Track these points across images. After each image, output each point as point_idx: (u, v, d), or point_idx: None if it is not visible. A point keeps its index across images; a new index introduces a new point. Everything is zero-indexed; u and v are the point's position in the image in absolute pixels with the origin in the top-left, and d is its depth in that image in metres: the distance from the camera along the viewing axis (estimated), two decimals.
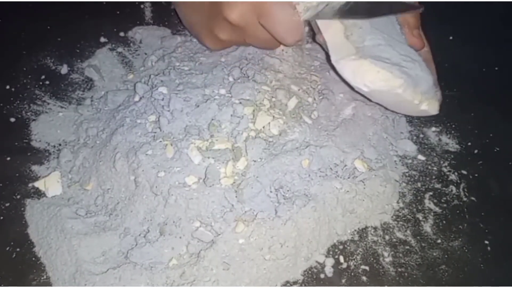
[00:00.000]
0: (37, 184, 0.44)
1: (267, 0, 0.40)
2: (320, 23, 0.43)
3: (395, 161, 0.46)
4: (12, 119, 0.48)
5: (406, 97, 0.41)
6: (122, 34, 0.56)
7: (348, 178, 0.42)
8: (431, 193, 0.44)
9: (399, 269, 0.40)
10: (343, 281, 0.39)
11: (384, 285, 0.39)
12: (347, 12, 0.41)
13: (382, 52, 0.41)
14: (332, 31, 0.42)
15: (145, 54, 0.55)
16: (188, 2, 0.46)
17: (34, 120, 0.48)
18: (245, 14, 0.41)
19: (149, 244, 0.38)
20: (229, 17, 0.41)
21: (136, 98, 0.46)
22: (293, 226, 0.38)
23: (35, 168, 0.45)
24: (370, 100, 0.45)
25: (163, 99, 0.44)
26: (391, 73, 0.40)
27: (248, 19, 0.41)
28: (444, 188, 0.45)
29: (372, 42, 0.42)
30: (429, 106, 0.42)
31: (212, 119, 0.42)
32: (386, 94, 0.41)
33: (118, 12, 0.59)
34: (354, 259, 0.40)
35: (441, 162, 0.47)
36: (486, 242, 0.41)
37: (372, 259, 0.40)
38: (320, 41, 0.44)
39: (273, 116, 0.43)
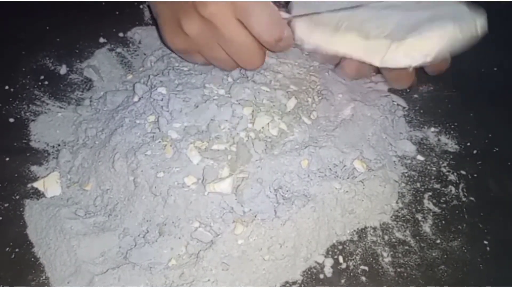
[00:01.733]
0: (36, 184, 0.44)
1: None
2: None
3: (394, 161, 0.46)
4: (11, 120, 0.48)
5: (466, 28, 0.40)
6: (121, 34, 0.56)
7: (347, 178, 0.42)
8: (430, 193, 0.45)
9: (399, 269, 0.40)
10: (343, 281, 0.39)
11: (383, 285, 0.39)
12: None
13: (390, 18, 0.40)
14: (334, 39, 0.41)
15: (144, 54, 0.55)
16: None
17: (33, 120, 0.48)
18: (220, 9, 0.37)
19: (148, 244, 0.38)
20: (202, 11, 0.37)
21: (135, 99, 0.46)
22: (292, 227, 0.38)
23: (34, 168, 0.45)
24: (369, 101, 0.45)
25: (162, 100, 0.44)
26: (432, 30, 0.39)
27: (223, 14, 0.38)
28: (443, 188, 0.45)
29: (367, 16, 0.40)
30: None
31: (211, 120, 0.42)
32: (449, 46, 0.40)
33: (117, 13, 0.58)
34: (353, 259, 0.40)
35: (440, 162, 0.47)
36: (485, 242, 0.41)
37: (371, 259, 0.40)
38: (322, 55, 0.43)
39: (272, 117, 0.43)
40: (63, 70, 0.53)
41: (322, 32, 0.42)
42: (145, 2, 0.60)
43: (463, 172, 0.46)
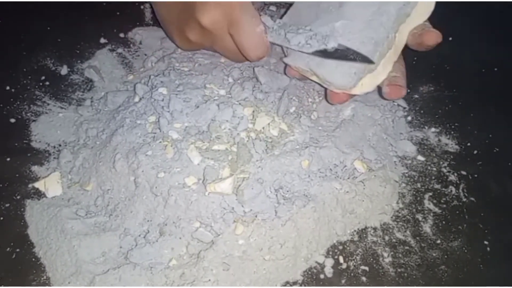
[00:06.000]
0: (37, 184, 0.44)
1: (238, 11, 0.41)
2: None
3: (394, 161, 0.46)
4: (12, 120, 0.48)
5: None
6: (122, 35, 0.56)
7: (348, 178, 0.42)
8: (430, 194, 0.45)
9: (399, 270, 0.40)
10: (343, 281, 0.39)
11: (383, 286, 0.39)
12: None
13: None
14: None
15: (145, 55, 0.55)
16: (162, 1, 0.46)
17: (34, 120, 0.48)
18: (216, 20, 0.42)
19: (149, 244, 0.38)
20: (201, 20, 0.42)
21: (136, 99, 0.46)
22: (292, 227, 0.38)
23: (35, 168, 0.45)
24: (369, 101, 0.45)
25: (163, 100, 0.44)
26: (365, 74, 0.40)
27: (219, 25, 0.42)
28: (443, 189, 0.45)
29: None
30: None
31: (212, 120, 0.42)
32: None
33: (118, 13, 0.59)
34: (353, 260, 0.40)
35: (441, 162, 0.47)
36: (486, 242, 0.42)
37: (371, 259, 0.40)
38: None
39: (273, 117, 0.43)
40: (64, 70, 0.53)
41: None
42: (145, 2, 0.60)
43: (464, 173, 0.46)
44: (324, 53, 0.40)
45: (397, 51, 0.42)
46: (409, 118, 0.50)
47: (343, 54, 0.39)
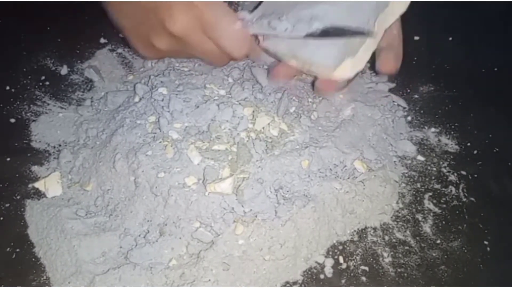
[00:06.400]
0: (37, 184, 0.44)
1: (210, 12, 0.37)
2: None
3: (394, 161, 0.46)
4: (12, 120, 0.48)
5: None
6: (122, 35, 0.56)
7: (348, 178, 0.42)
8: (430, 194, 0.45)
9: (399, 270, 0.40)
10: (343, 281, 0.39)
11: (383, 286, 0.39)
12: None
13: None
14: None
15: None
16: (116, 4, 0.40)
17: (34, 120, 0.48)
18: (188, 26, 0.38)
19: (149, 244, 0.38)
20: (171, 30, 0.38)
21: (136, 99, 0.46)
22: (292, 227, 0.38)
23: (35, 168, 0.45)
24: (369, 101, 0.45)
25: (163, 100, 0.44)
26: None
27: (193, 31, 0.38)
28: (443, 189, 0.45)
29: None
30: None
31: (212, 120, 0.42)
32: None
33: None
34: (353, 260, 0.40)
35: (441, 162, 0.47)
36: (486, 242, 0.42)
37: (371, 259, 0.40)
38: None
39: (273, 117, 0.43)
40: (64, 70, 0.53)
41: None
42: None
43: (464, 173, 0.46)
44: (317, 35, 0.39)
45: (375, 40, 0.41)
46: (409, 118, 0.50)
47: (337, 32, 0.39)
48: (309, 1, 0.40)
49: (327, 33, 0.39)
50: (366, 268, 0.40)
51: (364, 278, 0.39)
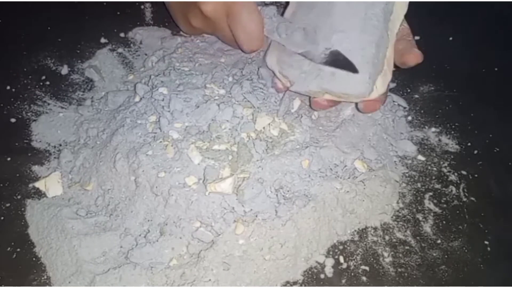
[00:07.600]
0: (37, 184, 0.44)
1: (239, 4, 0.42)
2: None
3: (395, 161, 0.46)
4: (13, 120, 0.48)
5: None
6: (122, 34, 0.56)
7: (348, 178, 0.42)
8: (431, 194, 0.45)
9: (399, 270, 0.40)
10: (343, 281, 0.39)
11: (384, 285, 0.39)
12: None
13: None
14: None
15: (145, 54, 0.55)
16: None
17: (34, 120, 0.48)
18: (217, 9, 0.44)
19: (149, 244, 0.38)
20: (202, 8, 0.44)
21: (137, 99, 0.46)
22: (293, 226, 0.38)
23: (35, 168, 0.45)
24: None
25: (163, 100, 0.44)
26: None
27: (219, 14, 0.44)
28: (444, 189, 0.45)
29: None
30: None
31: (212, 120, 0.42)
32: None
33: (118, 13, 0.59)
34: (354, 259, 0.40)
35: (441, 162, 0.47)
36: (486, 242, 0.42)
37: (372, 259, 0.40)
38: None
39: (273, 117, 0.43)
40: (64, 70, 0.53)
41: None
42: (146, 2, 0.60)
43: (464, 172, 0.46)
44: (330, 63, 0.41)
45: (391, 47, 0.43)
46: (410, 118, 0.50)
47: (346, 63, 0.40)
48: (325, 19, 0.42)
49: (339, 63, 0.40)
50: (367, 268, 0.40)
51: (364, 278, 0.39)
